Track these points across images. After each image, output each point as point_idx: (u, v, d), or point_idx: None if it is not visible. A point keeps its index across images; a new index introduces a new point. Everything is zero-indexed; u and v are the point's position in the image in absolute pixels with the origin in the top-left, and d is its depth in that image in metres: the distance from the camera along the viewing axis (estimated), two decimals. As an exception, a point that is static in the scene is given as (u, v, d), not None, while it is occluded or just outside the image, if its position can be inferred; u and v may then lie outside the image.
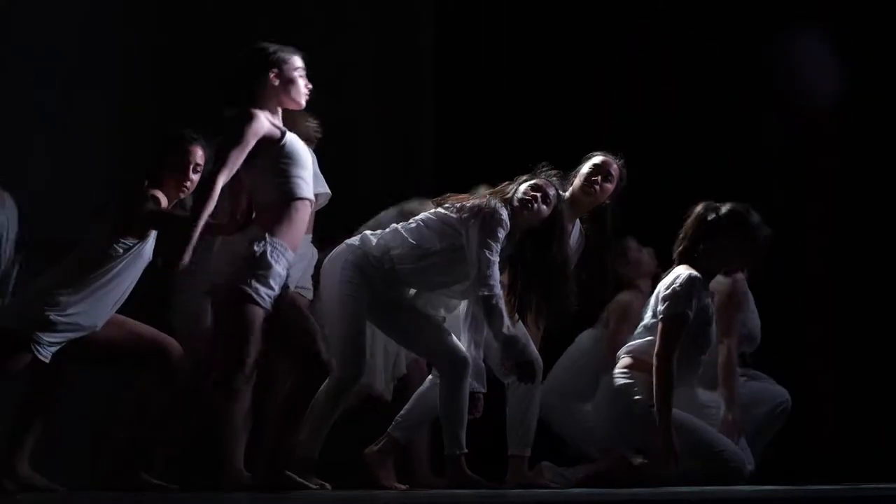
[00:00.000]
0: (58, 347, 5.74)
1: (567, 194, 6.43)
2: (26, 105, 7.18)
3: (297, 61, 5.69)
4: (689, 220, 6.31)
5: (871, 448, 7.72)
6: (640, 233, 7.25)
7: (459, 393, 5.92)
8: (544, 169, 6.14)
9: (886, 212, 8.12)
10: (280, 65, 5.62)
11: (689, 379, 6.24)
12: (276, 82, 5.61)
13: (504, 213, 5.93)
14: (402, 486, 6.03)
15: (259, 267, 5.38)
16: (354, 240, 6.05)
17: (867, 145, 8.20)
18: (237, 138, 5.47)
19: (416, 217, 6.10)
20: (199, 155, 5.87)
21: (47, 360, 5.71)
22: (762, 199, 8.04)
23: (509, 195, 6.01)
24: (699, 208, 6.32)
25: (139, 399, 5.78)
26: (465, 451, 5.91)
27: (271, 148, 5.53)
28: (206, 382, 5.50)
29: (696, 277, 6.19)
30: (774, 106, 8.21)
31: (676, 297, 6.16)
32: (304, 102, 5.73)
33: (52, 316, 5.70)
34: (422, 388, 6.24)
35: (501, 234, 5.90)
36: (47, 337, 5.71)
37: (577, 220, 6.53)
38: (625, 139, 7.42)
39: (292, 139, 5.63)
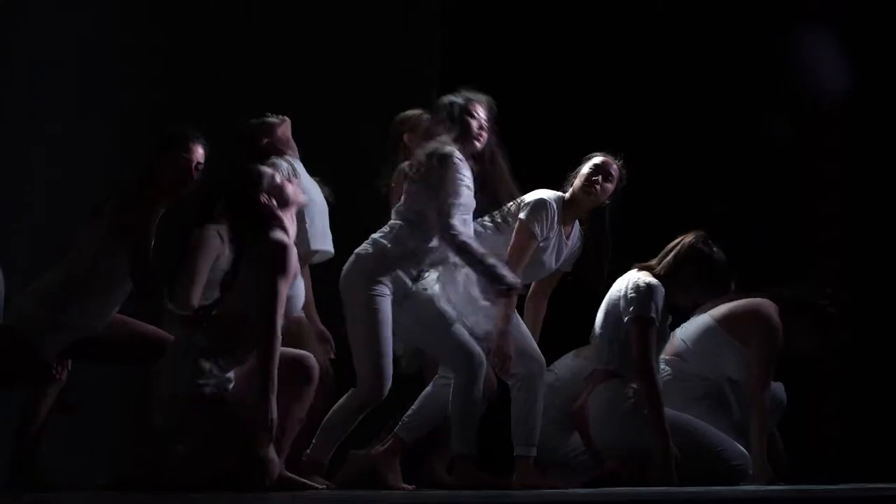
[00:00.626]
0: (61, 348, 5.73)
1: (567, 195, 6.45)
2: (29, 104, 7.18)
3: (277, 177, 5.62)
4: (678, 243, 6.36)
5: (873, 448, 7.72)
6: (640, 233, 7.24)
7: (473, 393, 5.90)
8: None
9: (892, 211, 8.14)
10: (266, 184, 5.57)
11: None
12: (273, 202, 5.57)
13: (457, 153, 5.90)
14: (409, 487, 6.02)
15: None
16: (365, 247, 5.98)
17: (872, 145, 8.20)
18: (283, 270, 5.40)
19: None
20: (200, 153, 5.85)
21: (51, 361, 5.70)
22: (766, 198, 8.13)
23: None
24: (691, 236, 6.37)
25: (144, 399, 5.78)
26: (475, 451, 5.92)
27: None
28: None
29: (658, 284, 6.25)
30: (779, 106, 8.21)
31: (641, 299, 6.21)
32: (303, 200, 5.72)
33: (55, 316, 5.69)
34: (428, 389, 6.22)
35: (464, 173, 5.87)
36: (50, 337, 5.70)
37: (577, 221, 6.54)
38: (627, 139, 7.43)
39: (295, 255, 5.57)
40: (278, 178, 5.62)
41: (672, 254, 6.36)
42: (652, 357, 6.16)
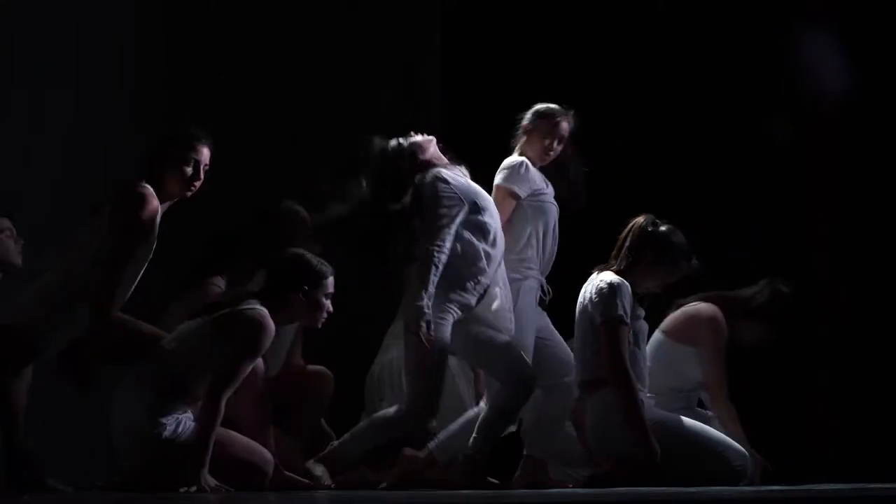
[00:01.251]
0: (61, 347, 5.72)
1: (517, 151, 6.43)
2: (29, 104, 7.18)
3: (331, 284, 5.60)
4: (629, 232, 6.31)
5: (873, 448, 7.72)
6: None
7: (515, 407, 5.94)
8: None
9: (890, 210, 8.13)
10: (314, 282, 5.55)
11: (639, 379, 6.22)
12: (303, 299, 5.55)
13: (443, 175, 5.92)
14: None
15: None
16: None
17: (871, 144, 8.20)
18: (253, 351, 5.36)
19: None
20: (205, 155, 5.82)
21: (52, 359, 5.69)
22: (764, 195, 8.13)
23: None
24: (640, 220, 6.32)
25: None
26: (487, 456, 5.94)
27: None
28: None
29: (620, 281, 6.17)
30: (779, 104, 8.21)
31: (606, 301, 6.12)
32: (319, 326, 5.63)
33: (55, 315, 5.68)
34: (471, 413, 6.23)
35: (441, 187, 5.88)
36: (51, 337, 5.68)
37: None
38: (627, 138, 7.45)
39: (271, 339, 5.50)
40: (325, 293, 5.58)
41: (627, 244, 6.28)
42: (624, 357, 6.07)
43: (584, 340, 6.23)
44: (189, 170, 5.78)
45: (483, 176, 6.32)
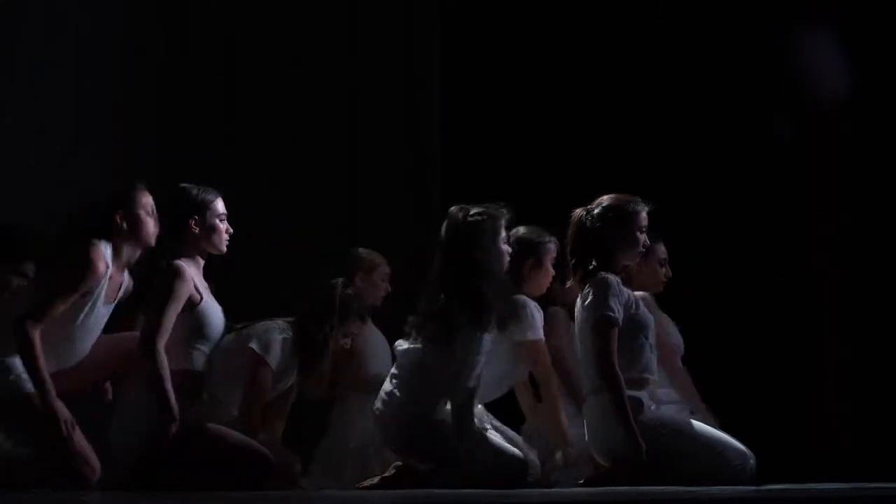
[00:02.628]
0: None
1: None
2: (29, 104, 7.19)
3: (220, 206, 5.59)
4: (574, 234, 6.17)
5: (874, 447, 7.72)
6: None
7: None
8: None
9: (891, 209, 8.13)
10: (203, 210, 5.55)
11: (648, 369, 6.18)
12: (197, 230, 5.54)
13: None
14: None
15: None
16: None
17: (872, 143, 8.20)
18: (172, 296, 5.36)
19: None
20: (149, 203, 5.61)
21: None
22: (764, 194, 8.13)
23: None
24: (576, 216, 6.18)
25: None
26: None
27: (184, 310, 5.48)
28: None
29: (606, 278, 6.05)
30: (779, 104, 8.22)
31: (594, 303, 6.02)
32: (224, 248, 5.61)
33: None
34: None
35: None
36: None
37: None
38: (627, 137, 7.43)
39: (208, 303, 5.52)
40: (217, 215, 5.60)
41: (586, 240, 6.12)
42: (612, 357, 5.97)
43: (587, 350, 6.16)
44: (136, 222, 5.57)
45: (483, 176, 6.33)
